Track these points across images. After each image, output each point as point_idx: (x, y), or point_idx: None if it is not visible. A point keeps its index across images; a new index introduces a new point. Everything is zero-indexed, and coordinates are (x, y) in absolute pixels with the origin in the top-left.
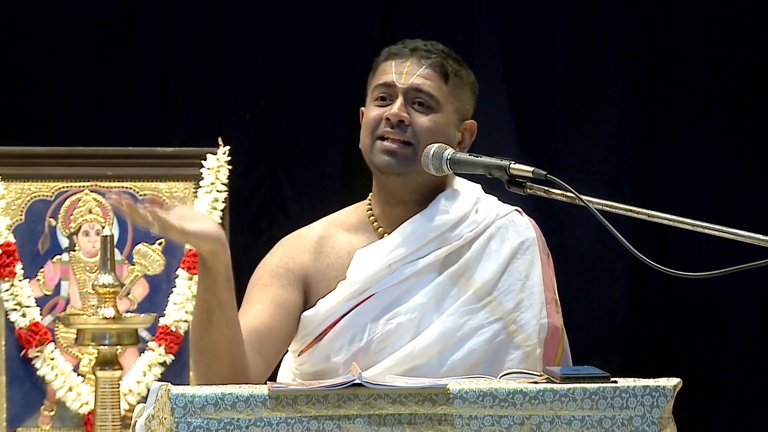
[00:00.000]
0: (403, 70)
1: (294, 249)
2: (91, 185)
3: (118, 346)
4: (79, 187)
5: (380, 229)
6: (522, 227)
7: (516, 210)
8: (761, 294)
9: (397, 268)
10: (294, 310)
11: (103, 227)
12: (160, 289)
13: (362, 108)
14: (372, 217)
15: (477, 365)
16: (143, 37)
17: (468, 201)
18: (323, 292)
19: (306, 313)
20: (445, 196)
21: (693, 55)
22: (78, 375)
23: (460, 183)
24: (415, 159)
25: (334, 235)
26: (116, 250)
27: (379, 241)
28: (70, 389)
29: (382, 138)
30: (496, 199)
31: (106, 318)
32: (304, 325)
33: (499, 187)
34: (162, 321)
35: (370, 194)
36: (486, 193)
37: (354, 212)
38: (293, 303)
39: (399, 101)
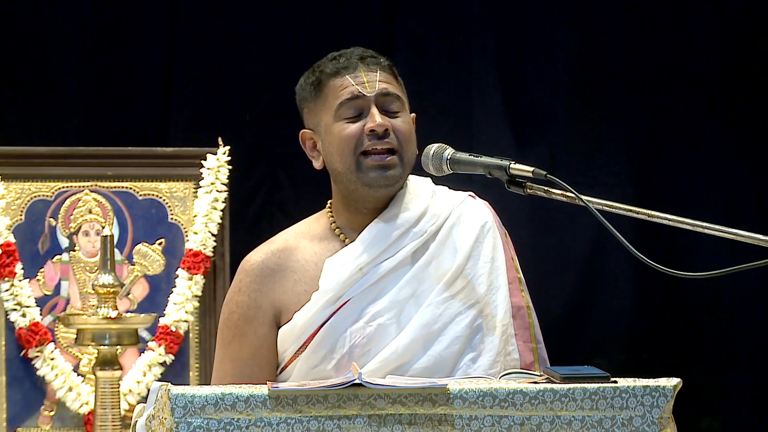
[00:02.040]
0: (363, 80)
1: (259, 277)
2: (91, 185)
3: (118, 346)
4: (79, 187)
5: (347, 240)
6: (479, 211)
7: (469, 195)
8: (765, 294)
9: (368, 270)
10: (274, 344)
11: (103, 227)
12: (160, 289)
13: (305, 131)
14: (337, 229)
15: (461, 352)
16: (144, 37)
17: (425, 196)
18: (295, 309)
19: (283, 328)
20: (403, 194)
21: (697, 56)
22: (78, 375)
23: (412, 180)
24: (404, 165)
25: (297, 247)
26: (116, 250)
27: (347, 247)
28: (70, 389)
29: (366, 153)
30: (447, 188)
31: (106, 318)
32: (282, 340)
33: (499, 187)
34: (162, 321)
35: (328, 204)
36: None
37: (315, 222)
38: (271, 341)
39: (375, 111)
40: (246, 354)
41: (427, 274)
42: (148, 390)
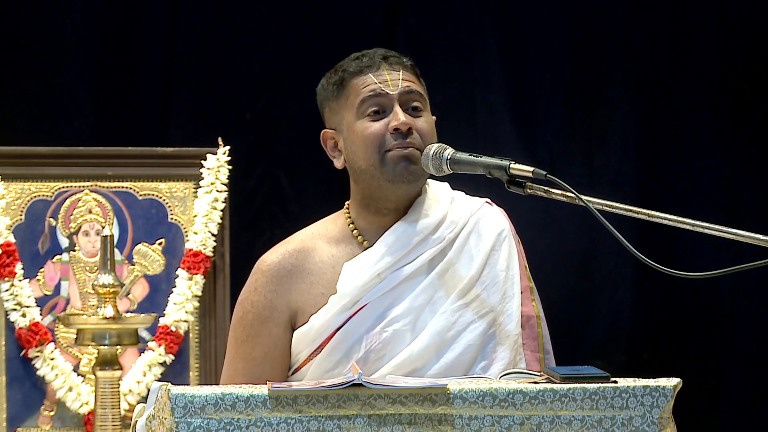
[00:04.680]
0: (386, 79)
1: (275, 278)
2: (91, 185)
3: (118, 346)
4: (79, 187)
5: (365, 242)
6: (496, 218)
7: (486, 202)
8: (765, 294)
9: (386, 276)
10: (287, 346)
11: (103, 227)
12: (160, 289)
13: (326, 130)
14: (355, 231)
15: (473, 360)
16: (144, 37)
17: (444, 202)
18: (311, 311)
19: (299, 330)
20: (423, 200)
21: (697, 55)
22: (78, 375)
23: (431, 185)
24: None
25: (314, 249)
26: (116, 250)
27: (366, 252)
28: (70, 389)
29: (390, 150)
30: (464, 194)
31: (106, 318)
32: (297, 342)
33: (499, 187)
34: (162, 321)
35: (346, 205)
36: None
37: (332, 224)
38: (285, 342)
39: (398, 109)
40: (258, 354)
41: (443, 281)
42: (148, 390)
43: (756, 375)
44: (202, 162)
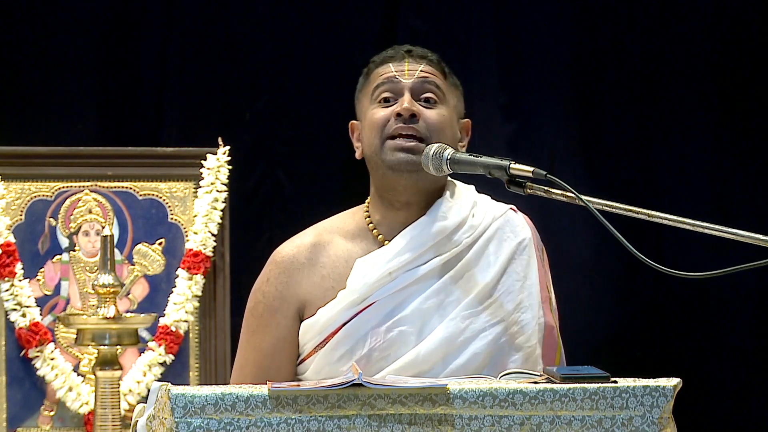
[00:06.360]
0: (404, 69)
1: (288, 270)
2: (91, 185)
3: (118, 346)
4: (79, 187)
5: (380, 236)
6: (518, 227)
7: (511, 209)
8: (759, 293)
9: (397, 275)
10: (296, 337)
11: (103, 227)
12: (160, 289)
13: (353, 122)
14: (371, 225)
15: (480, 368)
16: (143, 36)
17: (465, 206)
18: (319, 304)
19: (306, 321)
20: (444, 201)
21: (690, 54)
22: (78, 375)
23: (455, 186)
24: None
25: (330, 242)
26: (116, 250)
27: (379, 250)
28: (70, 389)
29: (393, 137)
30: (490, 198)
31: (106, 318)
32: (303, 333)
33: (499, 187)
34: (162, 321)
35: (367, 200)
36: (486, 192)
37: (351, 218)
38: (293, 333)
39: (407, 97)
40: (267, 344)
41: (455, 286)
42: (148, 390)
43: (750, 373)
44: (202, 162)
